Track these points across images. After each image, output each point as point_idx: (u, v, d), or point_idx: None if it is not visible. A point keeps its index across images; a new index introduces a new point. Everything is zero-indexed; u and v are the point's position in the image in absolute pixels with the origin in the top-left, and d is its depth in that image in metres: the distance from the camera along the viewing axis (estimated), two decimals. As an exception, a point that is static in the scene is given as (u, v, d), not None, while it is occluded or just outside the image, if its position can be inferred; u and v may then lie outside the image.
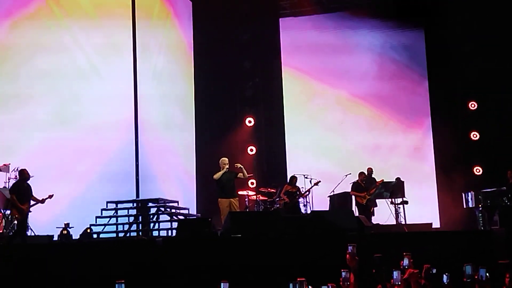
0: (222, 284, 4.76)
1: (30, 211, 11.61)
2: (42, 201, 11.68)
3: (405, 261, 5.09)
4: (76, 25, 15.30)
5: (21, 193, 11.41)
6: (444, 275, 5.46)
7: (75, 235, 12.77)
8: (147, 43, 16.11)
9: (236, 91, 17.14)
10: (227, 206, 12.23)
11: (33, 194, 11.65)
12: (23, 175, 11.58)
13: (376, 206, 14.60)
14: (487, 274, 5.12)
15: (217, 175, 12.43)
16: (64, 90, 15.21)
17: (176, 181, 16.15)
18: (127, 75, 15.61)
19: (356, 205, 14.13)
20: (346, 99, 17.26)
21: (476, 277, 5.09)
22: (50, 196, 11.78)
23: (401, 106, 17.08)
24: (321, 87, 17.37)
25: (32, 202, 11.63)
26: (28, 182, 11.60)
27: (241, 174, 12.62)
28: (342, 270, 5.15)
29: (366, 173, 14.58)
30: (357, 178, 14.38)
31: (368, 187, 14.22)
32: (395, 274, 4.93)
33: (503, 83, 15.83)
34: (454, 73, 16.51)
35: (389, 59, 17.24)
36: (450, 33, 16.53)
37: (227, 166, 12.52)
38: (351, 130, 17.13)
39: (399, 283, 4.97)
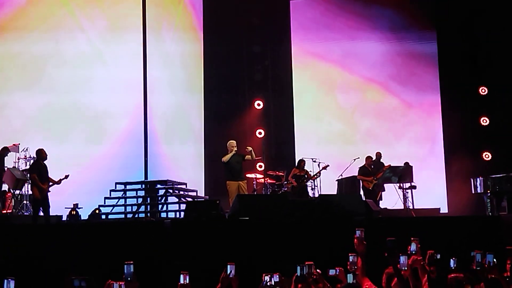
0: (228, 266, 4.77)
1: (49, 191, 11.65)
2: (59, 182, 11.72)
3: (413, 246, 5.08)
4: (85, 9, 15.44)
5: (41, 172, 11.50)
6: (451, 260, 5.45)
7: (84, 216, 12.85)
8: (157, 26, 16.13)
9: (245, 74, 17.08)
10: (236, 188, 12.27)
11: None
12: (41, 154, 11.67)
13: (384, 190, 14.58)
14: (495, 260, 5.11)
15: (225, 158, 12.45)
16: (75, 76, 15.33)
17: (184, 163, 16.18)
18: (137, 59, 15.67)
19: (362, 189, 14.11)
20: (356, 83, 17.14)
21: (484, 263, 5.08)
22: (66, 177, 11.82)
23: (411, 91, 16.95)
24: (331, 71, 17.25)
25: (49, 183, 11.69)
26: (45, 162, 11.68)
27: (249, 156, 12.64)
28: (349, 254, 5.15)
29: (374, 157, 14.54)
30: (364, 162, 14.35)
31: (376, 172, 14.20)
32: (402, 259, 4.92)
33: (514, 68, 15.73)
34: (464, 58, 16.37)
35: (400, 44, 17.09)
36: (462, 19, 16.35)
37: (235, 149, 12.53)
38: (361, 114, 17.04)
39: (406, 268, 4.96)
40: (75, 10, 15.53)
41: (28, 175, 12.51)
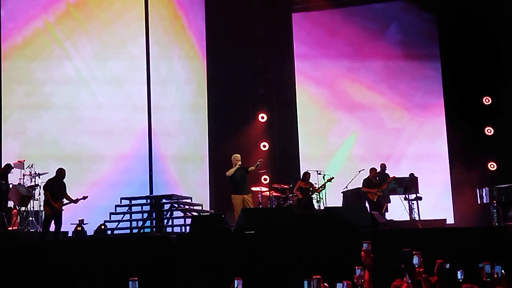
0: (235, 281, 4.75)
1: (63, 209, 11.68)
2: (76, 201, 11.78)
3: (415, 259, 5.05)
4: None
5: (54, 190, 11.61)
6: (458, 271, 5.43)
7: (90, 232, 12.84)
8: (160, 43, 16.27)
9: (249, 87, 17.10)
10: (241, 202, 12.24)
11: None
12: (59, 173, 11.84)
13: (389, 202, 14.55)
14: (503, 271, 5.08)
15: (229, 172, 12.44)
16: (78, 93, 15.48)
17: (189, 178, 16.19)
18: (140, 76, 15.75)
19: (367, 201, 14.06)
20: (360, 93, 17.15)
21: (493, 275, 5.05)
22: (84, 198, 11.87)
23: (415, 102, 16.93)
24: (334, 83, 17.29)
25: (65, 201, 11.72)
26: (63, 181, 11.80)
27: (252, 167, 12.64)
28: (356, 267, 5.12)
29: (378, 169, 14.52)
30: (369, 174, 14.32)
31: (380, 183, 14.16)
32: (415, 259, 4.94)
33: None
34: (468, 68, 16.36)
35: (404, 53, 17.08)
36: (465, 29, 16.36)
37: (240, 163, 12.53)
38: (365, 125, 17.03)
39: (410, 281, 4.95)
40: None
41: (33, 191, 12.63)
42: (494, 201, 12.84)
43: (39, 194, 12.95)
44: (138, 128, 15.60)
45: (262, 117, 16.79)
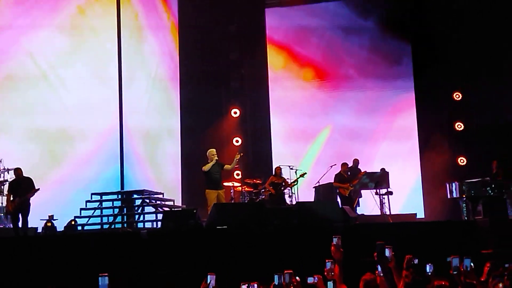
0: (208, 276, 4.74)
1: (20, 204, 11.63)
2: (29, 196, 11.69)
3: (387, 253, 5.10)
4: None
5: (14, 190, 11.76)
6: (428, 265, 5.48)
7: (60, 227, 12.71)
8: (133, 35, 16.15)
9: (222, 82, 17.02)
10: (215, 197, 12.21)
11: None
12: (15, 173, 11.98)
13: (361, 196, 14.65)
14: (472, 264, 5.15)
15: (206, 167, 12.37)
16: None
17: (161, 173, 16.11)
18: (111, 59, 15.61)
19: (339, 196, 14.14)
20: (332, 88, 17.21)
21: (461, 268, 5.12)
22: (35, 191, 11.76)
23: (386, 96, 17.04)
24: (307, 77, 17.32)
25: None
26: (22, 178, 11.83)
27: (228, 166, 12.62)
28: (326, 260, 5.15)
29: (350, 164, 14.60)
30: (340, 169, 14.39)
31: (352, 178, 14.24)
32: (387, 251, 4.99)
33: (488, 74, 15.88)
34: (439, 63, 16.51)
35: (376, 49, 17.16)
36: (436, 25, 16.52)
37: (216, 157, 12.49)
38: (337, 119, 17.09)
39: (382, 274, 5.00)
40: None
41: (2, 187, 12.54)
42: (464, 196, 12.98)
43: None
44: (108, 124, 15.51)
45: (235, 112, 16.74)
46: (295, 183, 13.98)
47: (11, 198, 11.61)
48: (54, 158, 14.96)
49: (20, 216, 11.53)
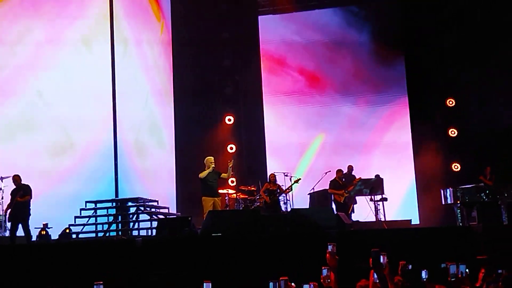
0: (204, 284, 4.74)
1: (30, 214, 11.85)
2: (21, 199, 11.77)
3: (381, 259, 5.11)
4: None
5: (12, 195, 11.96)
6: (423, 271, 5.50)
7: (54, 236, 12.67)
8: (126, 38, 16.16)
9: (215, 89, 17.03)
10: (211, 205, 12.23)
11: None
12: (13, 180, 12.17)
13: (355, 203, 14.65)
14: (467, 270, 5.16)
15: (203, 174, 12.38)
16: (40, 86, 15.25)
17: (155, 180, 16.08)
18: (105, 71, 15.58)
19: (334, 202, 14.14)
20: (326, 96, 17.25)
21: (458, 275, 5.14)
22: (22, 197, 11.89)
23: (380, 103, 17.08)
24: (300, 84, 17.37)
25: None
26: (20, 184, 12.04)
27: (225, 174, 12.63)
28: (322, 268, 5.16)
29: (345, 170, 14.61)
30: (335, 176, 14.40)
31: (347, 185, 14.25)
32: (375, 274, 4.99)
33: (481, 81, 15.97)
34: (432, 70, 16.59)
35: (368, 58, 17.23)
36: (428, 33, 16.60)
37: (213, 165, 12.48)
38: (332, 127, 17.12)
39: (378, 281, 5.01)
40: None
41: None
42: (458, 202, 13.02)
43: (2, 198, 12.76)
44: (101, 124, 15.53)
45: (229, 119, 16.75)
46: (289, 190, 13.98)
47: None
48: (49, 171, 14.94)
49: (21, 224, 11.62)
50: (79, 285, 7.95)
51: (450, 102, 16.62)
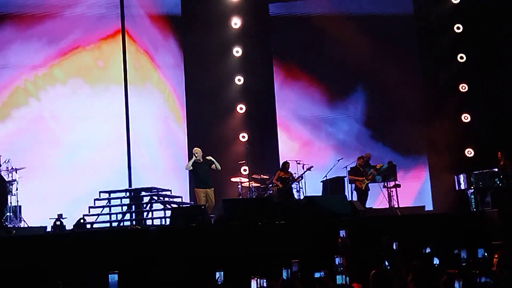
0: (217, 273, 4.76)
1: None
2: None
3: (394, 246, 5.12)
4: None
5: None
6: (435, 257, 5.47)
7: (69, 226, 12.75)
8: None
9: (227, 78, 16.97)
10: (204, 196, 12.30)
11: None
12: None
13: (369, 190, 14.62)
14: (485, 254, 5.15)
15: (188, 165, 12.48)
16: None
17: (168, 170, 16.11)
18: (117, 66, 15.66)
19: (355, 189, 14.09)
20: (336, 83, 17.08)
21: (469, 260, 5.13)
22: None
23: (393, 88, 16.77)
24: (311, 72, 17.19)
25: None
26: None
27: (214, 166, 12.64)
28: (335, 256, 5.16)
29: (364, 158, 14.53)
30: (355, 163, 14.33)
31: (366, 173, 14.17)
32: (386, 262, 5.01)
33: (494, 65, 15.84)
34: (444, 56, 16.46)
35: (381, 43, 16.93)
36: (441, 15, 16.49)
37: (196, 156, 12.51)
38: (343, 115, 16.99)
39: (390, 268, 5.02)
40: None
41: (11, 187, 12.56)
42: (472, 187, 12.97)
43: (17, 189, 12.84)
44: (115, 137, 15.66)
45: (241, 108, 16.72)
46: (302, 177, 13.97)
47: None
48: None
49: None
50: (93, 275, 8.01)
51: (463, 87, 16.49)
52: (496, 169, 13.22)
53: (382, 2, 17.17)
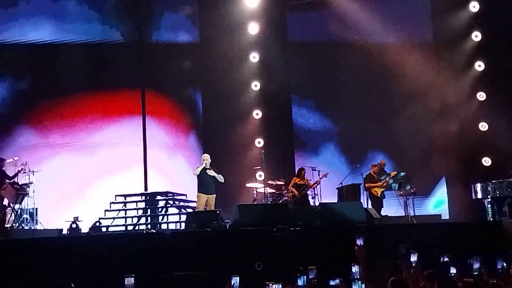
0: (232, 278, 4.75)
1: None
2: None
3: (412, 256, 5.09)
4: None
5: None
6: (452, 267, 5.43)
7: (84, 229, 12.83)
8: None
9: (243, 83, 16.98)
10: (204, 202, 12.33)
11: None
12: None
13: (384, 197, 14.55)
14: (504, 264, 5.12)
15: (195, 171, 12.49)
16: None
17: (184, 174, 16.14)
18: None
19: (370, 197, 14.04)
20: (347, 81, 16.90)
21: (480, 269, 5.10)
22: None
23: (411, 92, 16.58)
24: (330, 76, 17.01)
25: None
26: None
27: (213, 174, 12.59)
28: (352, 264, 5.12)
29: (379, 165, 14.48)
30: (370, 170, 14.28)
31: (379, 179, 14.11)
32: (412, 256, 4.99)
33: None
34: (462, 65, 16.38)
35: (397, 37, 16.72)
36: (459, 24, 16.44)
37: (205, 163, 12.51)
38: (360, 120, 16.84)
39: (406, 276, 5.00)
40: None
41: (27, 189, 12.67)
42: (489, 196, 12.88)
43: (33, 192, 12.93)
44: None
45: (257, 114, 16.73)
46: (317, 184, 13.94)
47: None
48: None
49: None
50: (109, 278, 8.04)
51: (481, 96, 16.37)
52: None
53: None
